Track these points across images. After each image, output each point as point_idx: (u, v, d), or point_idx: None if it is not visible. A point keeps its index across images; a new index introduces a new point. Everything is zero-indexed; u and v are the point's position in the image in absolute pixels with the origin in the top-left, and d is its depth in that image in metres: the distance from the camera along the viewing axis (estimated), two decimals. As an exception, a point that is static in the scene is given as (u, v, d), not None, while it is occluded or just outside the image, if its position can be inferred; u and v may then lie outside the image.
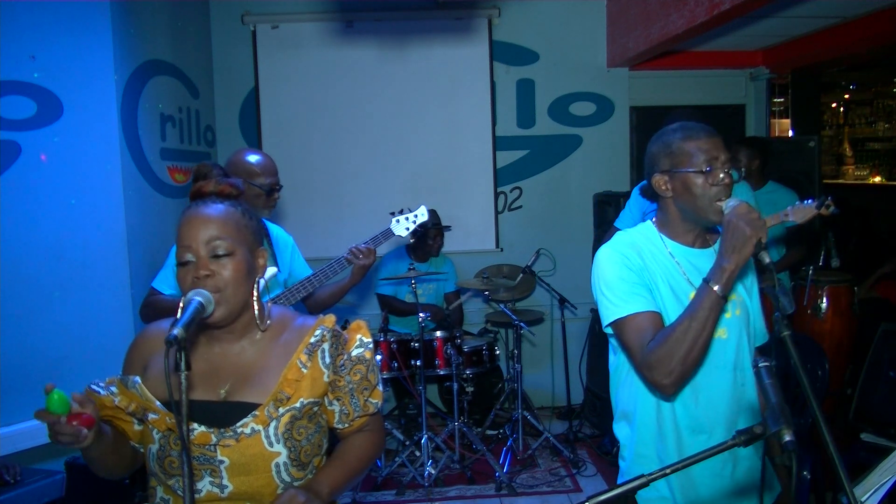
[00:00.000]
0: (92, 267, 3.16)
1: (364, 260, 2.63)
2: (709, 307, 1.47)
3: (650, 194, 1.73)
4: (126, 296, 3.23)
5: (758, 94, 5.42)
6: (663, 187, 1.65)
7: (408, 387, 4.11)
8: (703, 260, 1.67)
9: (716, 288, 1.47)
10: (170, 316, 1.45)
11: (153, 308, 2.49)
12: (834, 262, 3.63)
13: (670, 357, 1.47)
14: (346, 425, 1.46)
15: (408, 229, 2.88)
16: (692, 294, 1.62)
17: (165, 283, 2.48)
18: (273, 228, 2.74)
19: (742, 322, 1.68)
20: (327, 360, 1.40)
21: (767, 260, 1.44)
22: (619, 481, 1.75)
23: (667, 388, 1.51)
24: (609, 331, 1.67)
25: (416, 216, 2.90)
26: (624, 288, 1.60)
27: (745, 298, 1.71)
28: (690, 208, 1.62)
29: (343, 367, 1.42)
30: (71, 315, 3.08)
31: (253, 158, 2.59)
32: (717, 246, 1.68)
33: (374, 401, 1.46)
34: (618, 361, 1.74)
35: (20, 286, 3.02)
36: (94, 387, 1.41)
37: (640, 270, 1.63)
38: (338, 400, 1.43)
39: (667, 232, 1.70)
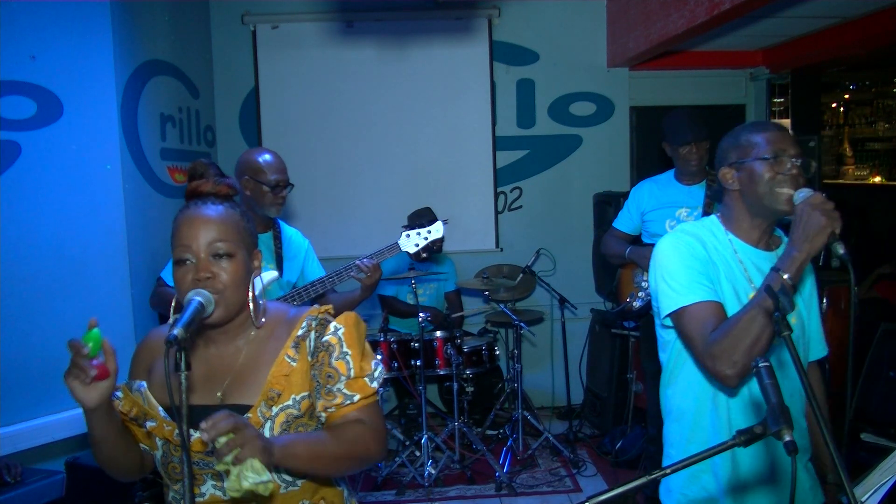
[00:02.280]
0: (92, 267, 3.16)
1: (370, 278, 2.53)
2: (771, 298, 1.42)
3: (719, 195, 1.71)
4: (126, 296, 3.23)
5: (758, 94, 5.42)
6: (730, 180, 1.63)
7: (408, 387, 4.11)
8: (765, 262, 1.64)
9: (786, 276, 1.42)
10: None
11: (159, 298, 2.56)
12: (834, 262, 3.62)
13: (735, 347, 1.43)
14: (325, 414, 1.37)
15: (417, 245, 2.65)
16: (752, 295, 1.59)
17: (171, 276, 2.50)
18: (287, 230, 2.72)
19: (796, 334, 1.63)
20: (313, 350, 1.38)
21: (842, 251, 1.41)
22: (663, 481, 1.72)
23: (730, 378, 1.46)
24: (668, 322, 1.63)
25: (429, 232, 2.66)
26: (688, 276, 1.57)
27: (802, 310, 1.67)
28: (756, 198, 1.59)
29: (313, 355, 1.37)
30: (71, 315, 3.08)
31: (260, 156, 2.60)
32: (779, 251, 1.66)
33: (344, 391, 1.35)
34: (669, 359, 1.71)
35: (20, 286, 3.01)
36: None
37: (705, 261, 1.60)
38: (313, 389, 1.37)
39: (732, 228, 1.67)
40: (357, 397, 1.36)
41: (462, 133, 5.03)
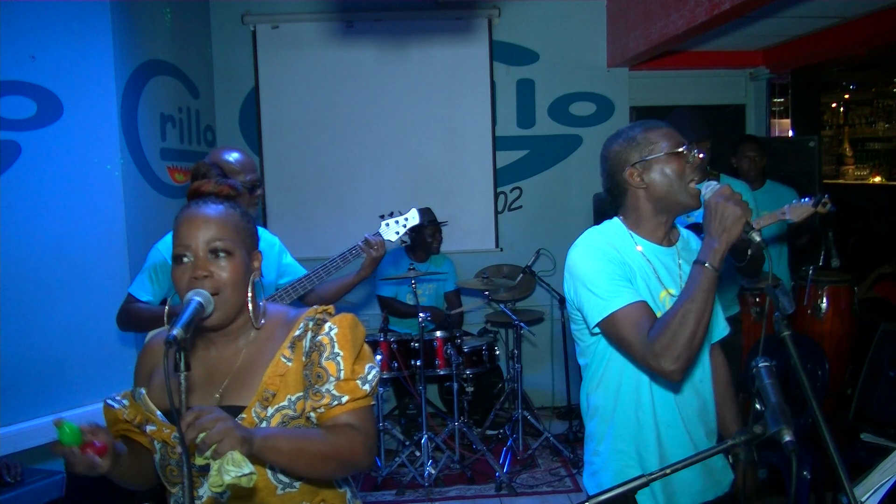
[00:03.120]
0: (92, 267, 3.16)
1: (379, 251, 2.58)
2: (707, 287, 1.47)
3: (611, 200, 1.76)
4: (126, 296, 3.23)
5: (758, 94, 5.43)
6: (637, 179, 1.66)
7: (408, 387, 4.11)
8: (669, 258, 1.70)
9: (707, 265, 1.47)
10: (146, 325, 1.45)
11: (130, 316, 2.41)
12: (834, 262, 3.62)
13: (675, 342, 1.45)
14: (314, 415, 1.35)
15: (398, 233, 2.75)
16: (662, 293, 1.65)
17: (143, 290, 2.42)
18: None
19: None
20: (307, 350, 1.37)
21: (759, 239, 1.47)
22: (590, 477, 1.76)
23: (675, 374, 1.49)
24: (597, 330, 1.64)
25: (406, 219, 2.76)
26: (609, 280, 1.59)
27: None
28: (665, 194, 1.64)
29: (307, 355, 1.37)
30: (71, 315, 3.08)
31: (231, 157, 2.50)
32: (679, 244, 1.73)
33: (333, 391, 1.32)
34: (591, 362, 1.73)
35: (20, 286, 3.01)
36: (109, 401, 1.42)
37: (621, 263, 1.63)
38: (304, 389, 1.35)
39: (636, 229, 1.70)
40: (345, 398, 1.33)
41: (462, 133, 5.03)
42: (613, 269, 1.60)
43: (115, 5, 3.24)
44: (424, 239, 4.47)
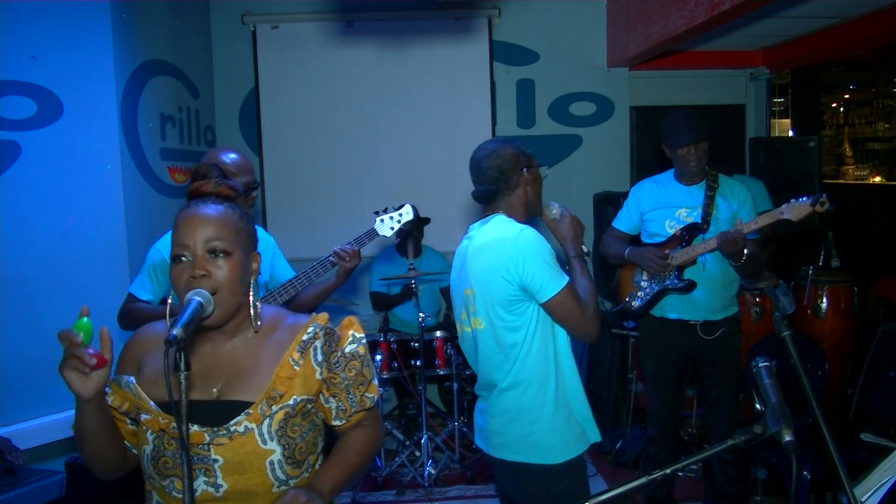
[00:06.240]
0: (92, 267, 3.16)
1: (351, 262, 2.58)
2: (587, 270, 2.07)
3: (492, 194, 2.07)
4: (126, 296, 3.23)
5: (758, 94, 5.42)
6: (531, 179, 2.09)
7: (408, 387, 4.11)
8: None
9: (577, 254, 2.09)
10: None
11: (133, 316, 2.41)
12: (834, 262, 3.63)
13: (598, 310, 1.98)
14: (344, 421, 1.46)
15: (392, 229, 2.79)
16: None
17: (143, 289, 2.43)
18: None
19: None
20: (319, 357, 1.40)
21: (587, 250, 2.14)
22: (533, 445, 1.97)
23: (597, 334, 1.98)
24: (544, 301, 1.93)
25: (400, 215, 2.81)
26: (555, 262, 1.96)
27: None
28: (535, 198, 2.12)
29: (338, 364, 1.42)
30: (71, 316, 3.06)
31: (228, 158, 2.50)
32: None
33: (370, 395, 1.47)
34: (524, 337, 1.97)
35: (20, 286, 3.02)
36: None
37: None
38: (334, 397, 1.43)
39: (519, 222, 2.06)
40: (375, 398, 1.49)
41: (462, 133, 5.02)
42: (552, 253, 1.97)
43: (115, 5, 3.25)
44: (407, 236, 4.44)
